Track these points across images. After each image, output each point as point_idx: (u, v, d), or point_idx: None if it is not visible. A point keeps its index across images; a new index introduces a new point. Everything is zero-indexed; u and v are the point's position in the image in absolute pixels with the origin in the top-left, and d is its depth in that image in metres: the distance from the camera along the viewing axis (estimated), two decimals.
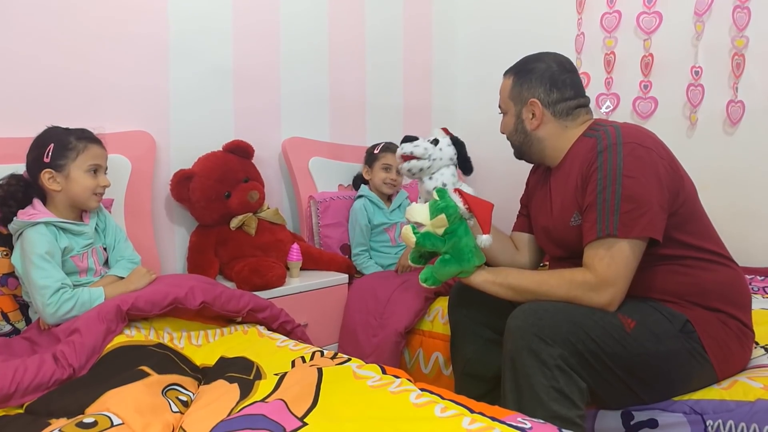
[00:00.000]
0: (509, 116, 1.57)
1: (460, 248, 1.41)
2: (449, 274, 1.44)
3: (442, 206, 1.41)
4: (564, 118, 1.50)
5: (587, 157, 1.37)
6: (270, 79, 2.36)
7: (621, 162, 1.29)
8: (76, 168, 1.50)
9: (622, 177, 1.27)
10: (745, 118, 2.35)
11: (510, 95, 1.56)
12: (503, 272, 1.44)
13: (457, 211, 1.41)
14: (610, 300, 1.27)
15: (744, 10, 2.31)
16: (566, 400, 1.19)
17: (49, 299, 1.38)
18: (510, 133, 1.59)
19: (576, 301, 1.29)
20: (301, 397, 1.10)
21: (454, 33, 3.18)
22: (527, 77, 1.52)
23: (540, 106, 1.50)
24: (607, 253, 1.27)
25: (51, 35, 1.77)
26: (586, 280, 1.28)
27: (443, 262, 1.43)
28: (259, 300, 1.61)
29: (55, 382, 1.18)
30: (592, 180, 1.32)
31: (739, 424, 1.19)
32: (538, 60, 1.54)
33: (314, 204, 2.31)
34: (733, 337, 1.32)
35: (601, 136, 1.36)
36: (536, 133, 1.52)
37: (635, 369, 1.25)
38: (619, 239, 1.26)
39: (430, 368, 1.93)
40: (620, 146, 1.30)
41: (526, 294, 1.37)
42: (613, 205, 1.27)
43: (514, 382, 1.24)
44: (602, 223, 1.28)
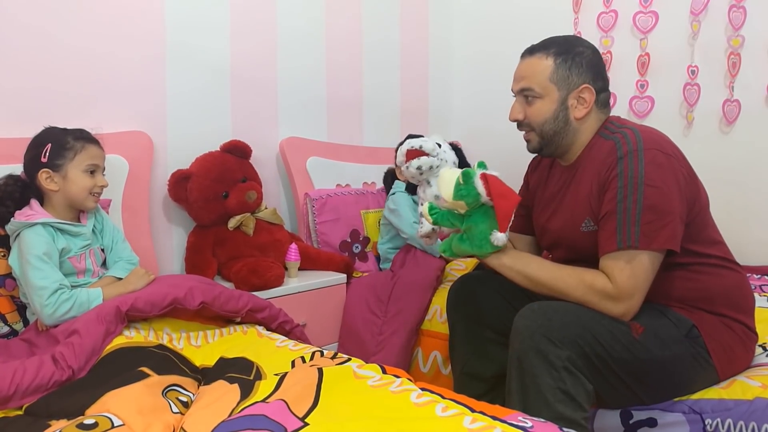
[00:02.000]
0: (547, 102, 1.41)
1: (475, 234, 1.36)
2: (464, 252, 1.39)
3: (463, 193, 1.34)
4: (602, 109, 1.43)
5: (605, 162, 1.31)
6: (267, 80, 2.36)
7: (642, 170, 1.24)
8: (73, 168, 1.50)
9: (643, 186, 1.23)
10: (741, 117, 2.36)
11: (553, 77, 1.39)
12: (524, 259, 1.37)
13: (477, 200, 1.33)
14: (626, 311, 1.25)
15: (740, 10, 2.32)
16: (572, 401, 1.18)
17: (47, 300, 1.37)
18: (545, 120, 1.41)
19: (589, 306, 1.26)
20: (301, 397, 1.10)
21: (451, 32, 3.18)
22: (577, 60, 1.39)
23: (593, 94, 1.39)
24: (628, 266, 1.23)
25: (49, 35, 1.76)
26: (605, 289, 1.25)
27: (460, 239, 1.39)
28: (258, 300, 1.61)
29: (54, 384, 1.18)
30: (612, 187, 1.27)
31: (737, 423, 1.20)
32: (579, 43, 1.43)
33: (310, 201, 2.31)
34: (738, 341, 1.33)
35: (620, 141, 1.30)
36: (579, 123, 1.41)
37: (640, 374, 1.25)
38: (640, 251, 1.23)
39: (428, 367, 1.94)
40: (641, 152, 1.25)
41: (540, 287, 1.33)
42: (635, 215, 1.23)
43: (520, 381, 1.23)
44: (623, 234, 1.24)
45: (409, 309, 1.96)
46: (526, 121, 1.45)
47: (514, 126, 1.51)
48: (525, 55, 1.46)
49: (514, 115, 1.47)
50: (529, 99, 1.43)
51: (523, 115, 1.45)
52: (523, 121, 1.46)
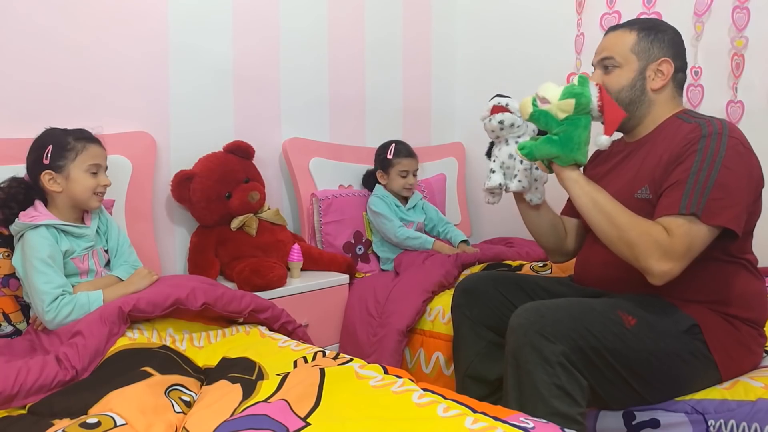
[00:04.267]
0: (626, 70, 1.45)
1: (571, 136, 1.34)
2: (549, 152, 1.37)
3: (577, 91, 1.32)
4: (678, 88, 1.47)
5: (687, 137, 1.32)
6: (270, 80, 2.36)
7: (723, 152, 1.26)
8: (75, 168, 1.50)
9: (720, 165, 1.25)
10: (745, 119, 2.35)
11: (634, 48, 1.45)
12: (596, 186, 1.37)
13: (588, 103, 1.33)
14: (669, 271, 1.24)
15: (743, 11, 2.31)
16: (567, 397, 1.19)
17: (48, 306, 1.38)
18: (622, 88, 1.45)
19: (636, 250, 1.25)
20: (303, 397, 1.11)
21: (454, 32, 3.18)
22: (659, 36, 1.45)
23: (672, 67, 1.43)
24: (687, 225, 1.23)
25: (51, 35, 1.77)
26: (660, 240, 1.24)
27: (549, 140, 1.36)
28: (261, 300, 1.61)
29: (57, 384, 1.18)
30: (688, 160, 1.28)
31: (740, 424, 1.20)
32: (662, 23, 1.49)
33: (316, 202, 2.31)
34: (742, 342, 1.33)
35: (706, 124, 1.32)
36: (655, 94, 1.45)
37: (635, 366, 1.25)
38: (699, 221, 1.23)
39: (431, 368, 1.94)
40: (725, 137, 1.28)
41: (601, 214, 1.32)
42: (704, 189, 1.24)
43: (515, 378, 1.24)
44: (688, 201, 1.24)
45: (400, 311, 1.96)
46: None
47: None
48: (609, 30, 1.52)
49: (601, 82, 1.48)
50: (608, 68, 1.48)
51: (600, 83, 1.46)
52: None
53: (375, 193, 2.37)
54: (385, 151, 2.39)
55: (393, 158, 2.35)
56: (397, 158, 2.35)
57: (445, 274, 2.08)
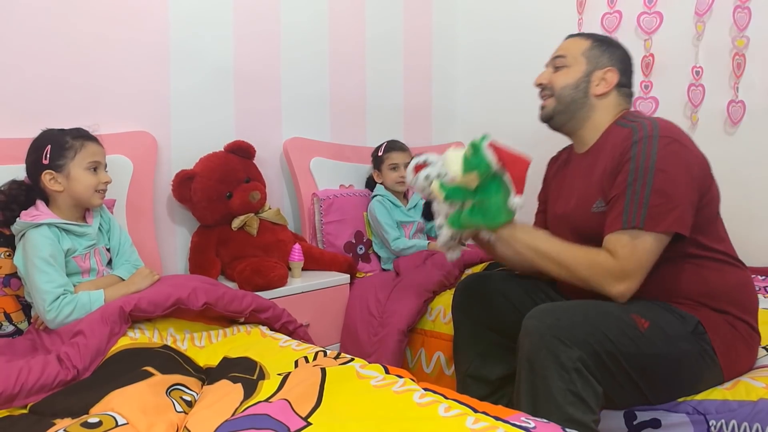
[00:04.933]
0: (574, 71, 1.50)
1: (488, 206, 1.37)
2: (473, 224, 1.40)
3: (474, 163, 1.36)
4: (623, 99, 1.50)
5: (622, 146, 1.34)
6: (271, 80, 2.36)
7: (655, 155, 1.28)
8: (75, 166, 1.50)
9: (654, 170, 1.26)
10: (746, 118, 2.35)
11: (586, 53, 1.50)
12: (534, 233, 1.42)
13: (489, 169, 1.35)
14: (624, 291, 1.27)
15: (744, 10, 2.31)
16: (582, 404, 1.16)
17: (49, 306, 1.38)
18: (567, 86, 1.50)
19: (590, 283, 1.29)
20: (304, 396, 1.11)
21: (455, 32, 3.18)
22: (611, 49, 1.51)
23: (616, 77, 1.48)
24: (630, 243, 1.26)
25: (53, 36, 1.77)
26: (607, 265, 1.27)
27: (471, 212, 1.39)
28: (262, 300, 1.61)
29: (59, 384, 1.18)
30: (624, 170, 1.30)
31: (741, 424, 1.19)
32: (618, 43, 1.54)
33: (317, 201, 2.31)
34: (741, 340, 1.32)
35: (637, 128, 1.34)
36: (597, 99, 1.48)
37: (647, 369, 1.24)
38: (644, 232, 1.25)
39: (431, 368, 1.94)
40: (656, 139, 1.29)
41: (545, 259, 1.35)
42: (643, 197, 1.26)
43: (529, 383, 1.21)
44: (629, 215, 1.26)
45: (400, 311, 1.96)
46: (549, 85, 1.53)
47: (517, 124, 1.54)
48: (568, 36, 1.58)
49: (539, 80, 1.56)
50: (558, 67, 1.53)
51: (547, 80, 1.54)
52: (545, 85, 1.54)
53: (375, 196, 2.37)
54: (377, 151, 2.42)
55: (383, 154, 2.38)
56: (386, 153, 2.37)
57: (446, 274, 2.08)
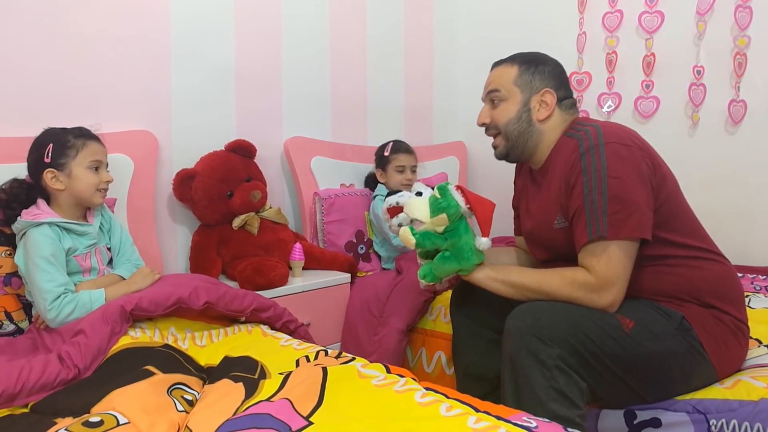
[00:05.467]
0: (511, 103, 1.49)
1: (460, 246, 1.39)
2: (448, 271, 1.42)
3: (443, 205, 1.39)
4: (567, 112, 1.49)
5: (569, 159, 1.36)
6: (272, 79, 2.36)
7: (605, 163, 1.29)
8: (77, 165, 1.50)
9: (607, 178, 1.28)
10: (747, 118, 2.35)
11: (516, 81, 1.49)
12: (505, 269, 1.43)
13: (458, 210, 1.39)
14: (612, 301, 1.28)
15: (746, 10, 2.31)
16: (566, 399, 1.19)
17: (50, 305, 1.38)
18: (510, 121, 1.49)
19: (577, 303, 1.29)
20: (306, 396, 1.11)
21: (456, 32, 3.18)
22: (539, 68, 1.49)
23: (554, 97, 1.47)
24: (603, 255, 1.27)
25: (54, 35, 1.77)
26: (587, 281, 1.28)
27: (443, 259, 1.41)
28: (263, 299, 1.61)
29: (60, 383, 1.18)
30: (578, 183, 1.32)
31: (742, 424, 1.19)
32: (542, 57, 1.53)
33: (319, 201, 2.31)
34: (729, 333, 1.33)
35: (582, 137, 1.35)
36: (541, 124, 1.48)
37: (635, 369, 1.25)
38: (610, 241, 1.27)
39: (432, 367, 1.94)
40: (602, 147, 1.30)
41: (527, 293, 1.36)
42: (601, 206, 1.27)
43: (513, 382, 1.24)
44: (592, 226, 1.28)
45: (400, 310, 1.96)
46: (492, 123, 1.53)
47: None
48: (493, 66, 1.57)
49: (481, 119, 1.55)
50: (495, 102, 1.52)
51: (489, 119, 1.53)
52: (489, 125, 1.54)
53: (377, 195, 2.36)
54: (382, 150, 2.40)
55: (389, 155, 2.36)
56: (393, 154, 2.35)
57: None
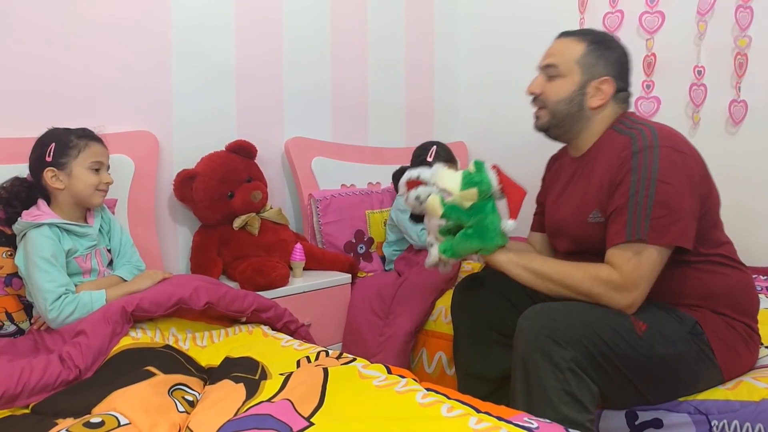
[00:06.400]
0: (567, 82, 1.42)
1: (485, 225, 1.35)
2: (469, 249, 1.37)
3: (476, 180, 1.34)
4: (620, 105, 1.44)
5: (619, 156, 1.31)
6: (273, 79, 2.36)
7: (657, 166, 1.25)
8: (78, 165, 1.50)
9: (656, 182, 1.24)
10: (748, 118, 2.35)
11: (580, 60, 1.41)
12: (528, 256, 1.39)
13: (489, 188, 1.34)
14: (631, 303, 1.26)
15: (747, 10, 2.31)
16: (577, 403, 1.17)
17: (51, 305, 1.38)
18: (561, 100, 1.43)
19: (596, 299, 1.27)
20: (307, 396, 1.11)
21: (457, 32, 3.18)
22: (608, 53, 1.42)
23: (613, 88, 1.41)
24: (635, 257, 1.24)
25: (54, 35, 1.77)
26: (611, 279, 1.25)
27: (465, 236, 1.36)
28: (263, 300, 1.61)
29: (61, 383, 1.18)
30: (625, 182, 1.28)
31: (744, 424, 1.19)
32: (614, 41, 1.46)
33: (314, 202, 2.31)
34: (740, 340, 1.32)
35: (636, 135, 1.31)
36: (592, 112, 1.42)
37: (645, 371, 1.24)
38: (647, 245, 1.24)
39: (433, 368, 1.94)
40: (656, 149, 1.26)
41: (547, 282, 1.33)
42: (645, 209, 1.24)
43: (524, 383, 1.22)
44: (632, 227, 1.24)
45: (408, 311, 1.95)
46: (542, 96, 1.46)
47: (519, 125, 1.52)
48: (561, 35, 1.48)
49: (532, 89, 1.48)
50: (551, 76, 1.45)
51: (540, 90, 1.46)
52: (538, 96, 1.47)
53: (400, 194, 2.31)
54: (425, 153, 2.30)
55: (434, 160, 2.23)
56: (437, 160, 2.23)
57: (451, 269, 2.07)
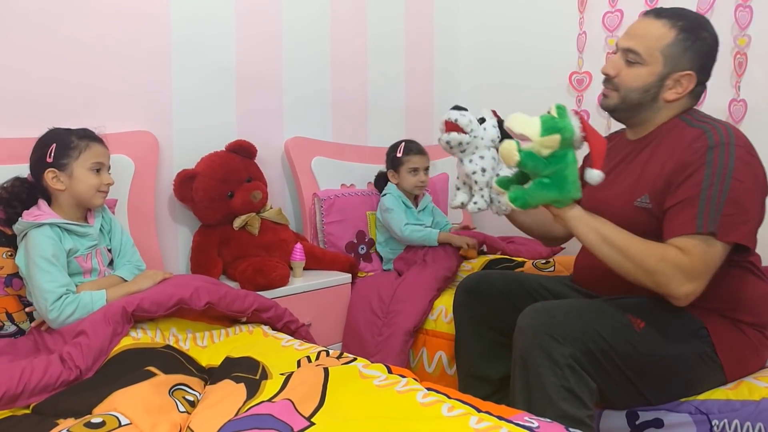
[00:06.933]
0: (647, 71, 1.35)
1: (565, 176, 1.25)
2: (545, 198, 1.27)
3: (560, 126, 1.23)
4: (693, 99, 1.40)
5: (691, 147, 1.27)
6: (272, 79, 2.36)
7: (732, 164, 1.23)
8: (79, 166, 1.50)
9: (731, 179, 1.22)
10: (747, 117, 2.35)
11: (665, 50, 1.33)
12: (599, 219, 1.30)
13: (572, 136, 1.24)
14: (691, 292, 1.21)
15: (746, 9, 2.31)
16: (576, 399, 1.18)
17: (51, 305, 1.38)
18: (636, 89, 1.37)
19: (656, 278, 1.21)
20: (308, 396, 1.11)
21: (456, 32, 3.18)
22: (697, 44, 1.33)
23: (693, 83, 1.35)
24: (703, 245, 1.20)
25: (54, 34, 1.77)
26: (679, 261, 1.20)
27: (541, 185, 1.26)
28: (264, 300, 1.61)
29: (62, 384, 1.18)
30: (698, 174, 1.24)
31: (744, 424, 1.20)
32: (707, 28, 1.36)
33: (318, 202, 2.31)
34: (749, 346, 1.32)
35: (710, 130, 1.28)
36: (665, 103, 1.38)
37: (644, 370, 1.25)
38: (716, 240, 1.21)
39: (433, 367, 1.94)
40: (732, 147, 1.24)
41: (612, 249, 1.25)
42: (718, 205, 1.21)
43: (524, 380, 1.23)
44: (704, 220, 1.20)
45: (407, 311, 1.96)
46: (617, 80, 1.40)
47: None
48: (650, 15, 1.38)
49: (607, 69, 1.41)
50: (630, 61, 1.37)
51: (616, 73, 1.40)
52: (612, 79, 1.41)
53: (388, 192, 2.34)
54: (394, 151, 2.36)
55: (402, 156, 2.32)
56: (406, 155, 2.33)
57: (449, 267, 2.08)
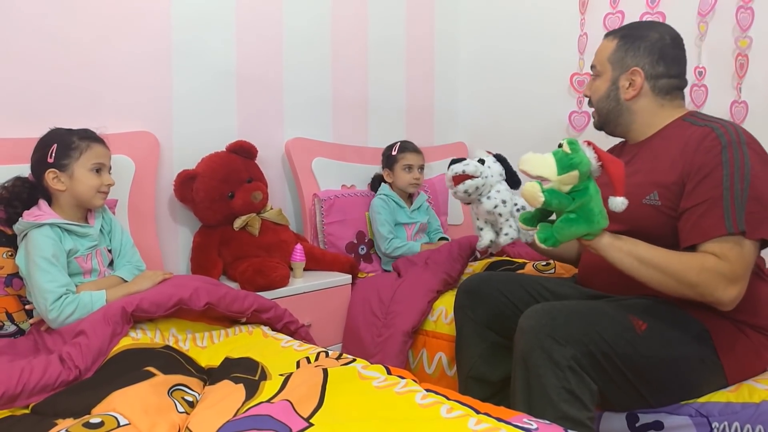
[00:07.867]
0: (602, 80, 1.52)
1: (590, 208, 1.26)
2: (574, 234, 1.28)
3: (576, 161, 1.25)
4: (662, 95, 1.46)
5: (702, 145, 1.29)
6: (273, 80, 2.36)
7: (749, 162, 1.24)
8: (79, 167, 1.51)
9: (750, 177, 1.23)
10: (749, 119, 2.34)
11: (610, 58, 1.49)
12: (631, 240, 1.30)
13: (589, 168, 1.27)
14: (737, 296, 1.22)
15: (747, 11, 2.31)
16: (577, 401, 1.18)
17: (51, 305, 1.38)
18: (600, 98, 1.53)
19: (700, 290, 1.21)
20: (306, 397, 1.11)
21: (457, 32, 3.18)
22: (635, 44, 1.46)
23: (642, 77, 1.45)
24: (737, 247, 1.21)
25: (54, 35, 1.77)
26: (719, 268, 1.20)
27: (569, 221, 1.27)
28: (264, 300, 1.61)
29: (61, 384, 1.18)
30: (715, 174, 1.25)
31: (744, 426, 1.19)
32: (651, 28, 1.49)
33: (318, 202, 2.31)
34: (751, 349, 1.32)
35: (719, 129, 1.30)
36: (629, 104, 1.48)
37: (645, 372, 1.24)
38: (745, 239, 1.21)
39: (433, 369, 1.93)
40: (745, 145, 1.26)
41: (650, 269, 1.25)
42: (742, 203, 1.22)
43: (524, 381, 1.23)
44: (732, 220, 1.21)
45: (405, 312, 1.95)
46: (592, 99, 1.58)
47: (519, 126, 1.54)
48: (604, 36, 1.57)
49: (584, 91, 1.62)
50: (593, 77, 1.57)
51: (589, 92, 1.59)
52: (591, 99, 1.59)
53: (379, 194, 2.36)
54: (390, 149, 2.41)
55: (397, 154, 2.36)
56: (401, 153, 2.36)
57: (449, 270, 2.08)
